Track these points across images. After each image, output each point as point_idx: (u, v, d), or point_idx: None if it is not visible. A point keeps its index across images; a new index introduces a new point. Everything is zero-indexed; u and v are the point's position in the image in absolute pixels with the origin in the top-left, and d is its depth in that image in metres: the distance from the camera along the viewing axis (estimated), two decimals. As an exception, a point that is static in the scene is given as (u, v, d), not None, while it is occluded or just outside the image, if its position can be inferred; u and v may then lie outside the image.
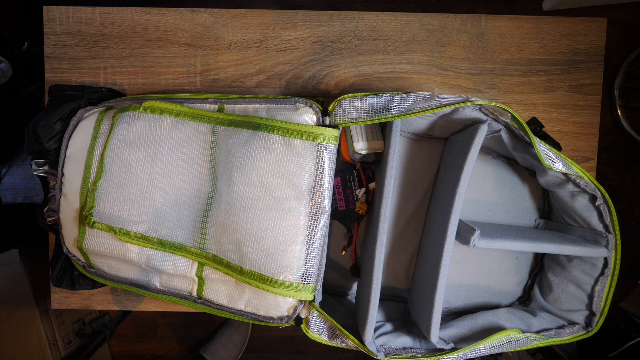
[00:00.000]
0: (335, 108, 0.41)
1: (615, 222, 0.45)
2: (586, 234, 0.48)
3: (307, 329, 0.42)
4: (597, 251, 0.45)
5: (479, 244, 0.44)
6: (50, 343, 1.03)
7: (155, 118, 0.46)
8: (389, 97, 0.40)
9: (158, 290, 0.48)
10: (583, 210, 0.47)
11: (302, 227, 0.41)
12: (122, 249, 0.46)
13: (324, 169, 0.41)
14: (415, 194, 0.54)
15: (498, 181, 0.55)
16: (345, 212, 0.51)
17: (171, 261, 0.46)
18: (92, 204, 0.46)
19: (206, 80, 0.56)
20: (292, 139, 0.40)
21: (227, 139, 0.43)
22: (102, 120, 0.48)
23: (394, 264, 0.55)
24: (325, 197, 0.41)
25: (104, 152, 0.46)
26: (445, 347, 0.44)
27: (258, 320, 0.44)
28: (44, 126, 0.48)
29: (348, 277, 0.56)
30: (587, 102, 0.56)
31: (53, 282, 0.52)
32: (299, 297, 0.41)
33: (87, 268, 0.50)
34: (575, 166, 0.44)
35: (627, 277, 1.23)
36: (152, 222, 0.45)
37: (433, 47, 0.55)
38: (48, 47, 0.55)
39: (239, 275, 0.42)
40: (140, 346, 1.34)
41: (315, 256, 0.41)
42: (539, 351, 1.01)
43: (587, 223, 0.47)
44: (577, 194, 0.47)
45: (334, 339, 0.42)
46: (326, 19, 0.55)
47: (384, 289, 0.56)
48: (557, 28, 0.55)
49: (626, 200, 1.26)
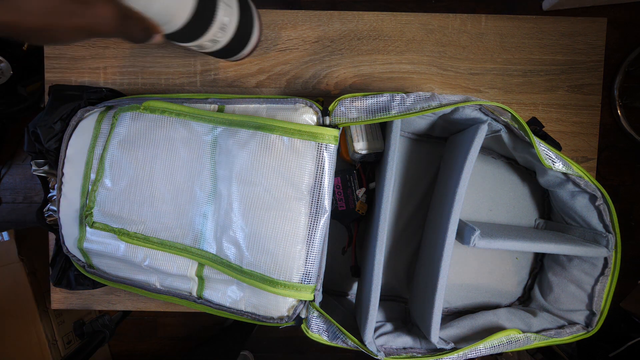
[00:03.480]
0: (335, 108, 0.41)
1: (616, 222, 0.45)
2: (586, 233, 0.48)
3: (307, 329, 0.42)
4: (597, 251, 0.45)
5: (479, 243, 0.44)
6: (50, 343, 1.03)
7: (155, 118, 0.46)
8: (389, 97, 0.40)
9: (158, 290, 0.48)
10: (583, 210, 0.47)
11: (302, 227, 0.41)
12: (122, 249, 0.46)
13: (324, 169, 0.41)
14: (415, 194, 0.54)
15: (498, 181, 0.55)
16: (345, 212, 0.51)
17: (171, 261, 0.46)
18: (92, 204, 0.46)
19: (206, 80, 0.56)
20: (292, 138, 0.40)
21: (228, 139, 0.43)
22: (102, 120, 0.48)
23: (394, 264, 0.55)
24: (325, 197, 0.41)
25: (104, 152, 0.46)
26: (446, 347, 0.44)
27: (258, 320, 0.44)
28: (44, 126, 0.48)
29: (348, 277, 0.56)
30: (587, 102, 0.56)
31: (53, 282, 0.52)
32: (299, 297, 0.41)
33: (87, 268, 0.50)
34: (575, 166, 0.44)
35: (627, 277, 1.23)
36: (152, 222, 0.45)
37: (433, 47, 0.55)
38: (48, 47, 0.55)
39: (239, 275, 0.42)
40: (140, 346, 1.35)
41: (315, 256, 0.41)
42: (539, 351, 1.01)
43: (587, 223, 0.47)
44: (577, 193, 0.47)
45: (335, 339, 0.42)
46: (326, 19, 0.55)
47: (384, 289, 0.56)
48: (557, 28, 0.55)
49: (626, 200, 1.26)
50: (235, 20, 0.41)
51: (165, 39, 0.36)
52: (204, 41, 0.39)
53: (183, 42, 0.38)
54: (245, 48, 0.47)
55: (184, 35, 0.36)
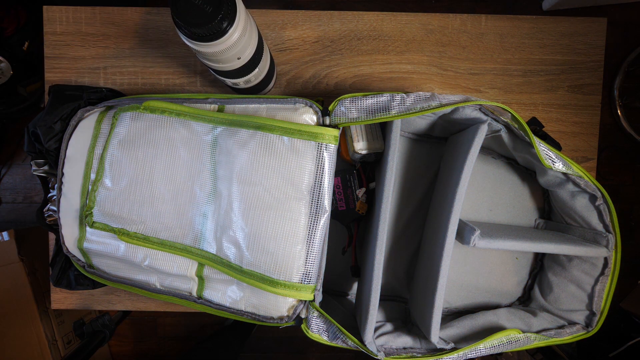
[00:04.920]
0: (335, 108, 0.41)
1: (615, 222, 0.45)
2: (586, 233, 0.48)
3: (307, 329, 0.42)
4: (597, 251, 0.45)
5: (479, 243, 0.44)
6: (50, 343, 1.03)
7: (155, 118, 0.46)
8: (389, 97, 0.40)
9: (158, 290, 0.48)
10: (583, 210, 0.47)
11: (302, 227, 0.41)
12: (122, 249, 0.46)
13: (324, 169, 0.41)
14: (415, 194, 0.54)
15: (498, 181, 0.55)
16: (345, 212, 0.51)
17: (171, 261, 0.46)
18: (92, 203, 0.46)
19: (206, 80, 0.56)
20: (292, 138, 0.40)
21: (227, 139, 0.43)
22: (102, 120, 0.48)
23: (395, 264, 0.55)
24: (325, 197, 0.41)
25: (104, 152, 0.46)
26: (446, 347, 0.44)
27: (258, 320, 0.44)
28: (44, 126, 0.48)
29: (348, 277, 0.56)
30: (587, 102, 0.56)
31: (53, 282, 0.52)
32: (299, 297, 0.41)
33: (87, 268, 0.50)
34: (575, 166, 0.44)
35: (627, 277, 1.23)
36: (152, 222, 0.45)
37: (433, 47, 0.55)
38: (48, 47, 0.55)
39: (239, 275, 0.42)
40: (140, 346, 1.35)
41: (315, 256, 0.41)
42: (538, 351, 1.01)
43: (587, 223, 0.47)
44: (577, 193, 0.47)
45: (335, 339, 0.42)
46: (326, 19, 0.55)
47: (384, 289, 0.56)
48: (557, 28, 0.55)
49: (626, 200, 1.26)
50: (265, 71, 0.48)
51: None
52: (241, 80, 0.45)
53: (229, 78, 0.44)
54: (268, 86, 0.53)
55: (232, 74, 0.43)
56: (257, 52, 0.42)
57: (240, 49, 0.38)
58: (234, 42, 0.35)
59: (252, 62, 0.42)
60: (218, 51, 0.36)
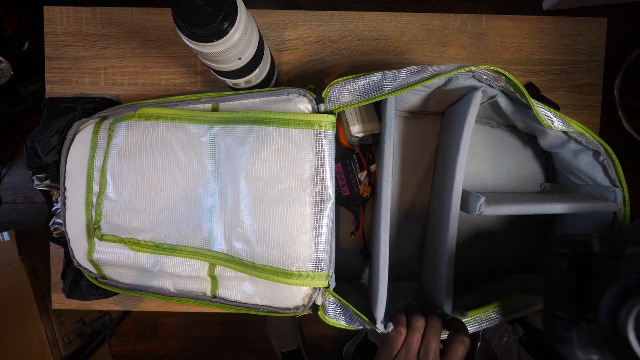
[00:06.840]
0: (328, 94, 0.41)
1: (621, 175, 0.44)
2: (593, 191, 0.47)
3: (324, 315, 0.42)
4: (606, 206, 0.44)
5: (485, 210, 0.43)
6: (51, 343, 1.03)
7: (150, 125, 0.45)
8: (380, 76, 0.40)
9: (172, 294, 0.48)
10: (587, 168, 0.46)
11: (309, 216, 0.41)
12: (133, 258, 0.47)
13: (324, 156, 0.40)
14: (417, 171, 0.54)
15: (500, 149, 0.54)
16: (349, 197, 0.51)
17: (182, 264, 0.46)
18: (99, 217, 0.47)
19: (207, 80, 0.56)
20: (290, 129, 0.40)
21: (225, 137, 0.43)
22: (98, 131, 0.48)
23: (405, 242, 0.55)
24: (329, 184, 0.41)
25: (104, 164, 0.46)
26: (461, 317, 0.44)
27: (274, 312, 0.44)
28: (41, 140, 0.48)
29: (359, 261, 0.56)
30: (587, 102, 0.56)
31: (65, 295, 0.52)
32: (314, 285, 0.41)
33: (99, 279, 0.50)
34: (575, 123, 0.43)
35: (627, 276, 1.23)
36: (160, 228, 0.45)
37: (433, 47, 0.55)
38: (48, 47, 0.55)
39: (253, 270, 0.42)
40: (140, 346, 1.35)
41: (325, 243, 0.41)
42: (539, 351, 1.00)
43: (592, 180, 0.47)
44: (579, 152, 0.46)
45: (352, 323, 0.42)
46: (327, 19, 0.55)
47: (397, 268, 0.55)
48: (557, 28, 0.55)
49: (626, 200, 1.26)
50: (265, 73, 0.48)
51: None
52: (242, 80, 0.45)
53: (229, 78, 0.44)
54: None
55: (231, 74, 0.43)
56: (258, 52, 0.42)
57: (241, 50, 0.38)
58: (234, 42, 0.36)
59: (252, 62, 0.42)
60: (219, 52, 0.36)
